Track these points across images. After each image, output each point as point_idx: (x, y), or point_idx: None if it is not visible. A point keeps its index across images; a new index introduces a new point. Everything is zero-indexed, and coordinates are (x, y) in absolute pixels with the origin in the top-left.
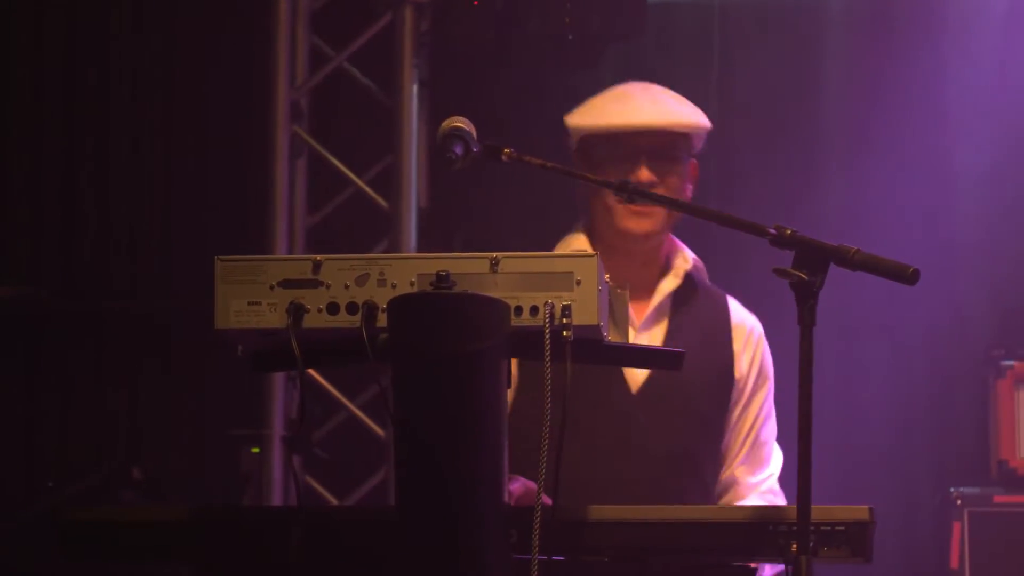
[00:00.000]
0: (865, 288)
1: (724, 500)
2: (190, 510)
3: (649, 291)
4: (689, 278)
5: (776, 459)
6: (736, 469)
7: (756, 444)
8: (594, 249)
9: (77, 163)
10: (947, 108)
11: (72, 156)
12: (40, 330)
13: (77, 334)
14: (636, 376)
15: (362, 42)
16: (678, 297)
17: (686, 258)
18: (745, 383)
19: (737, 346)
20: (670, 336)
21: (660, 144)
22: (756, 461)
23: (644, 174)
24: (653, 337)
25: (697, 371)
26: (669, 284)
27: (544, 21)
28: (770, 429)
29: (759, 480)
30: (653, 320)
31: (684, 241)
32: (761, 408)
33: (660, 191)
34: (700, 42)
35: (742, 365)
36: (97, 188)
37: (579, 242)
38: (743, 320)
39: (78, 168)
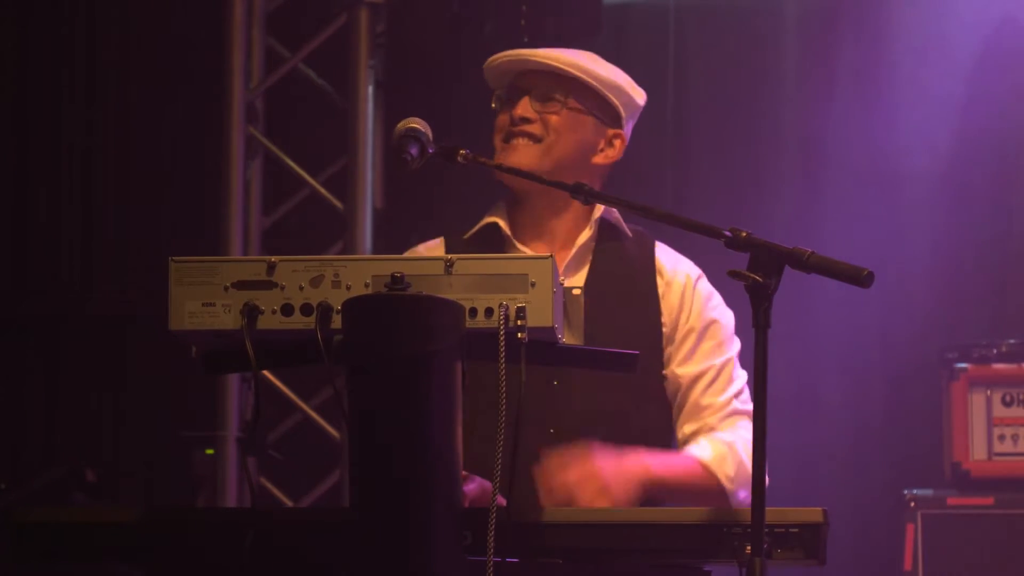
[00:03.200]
0: (820, 291)
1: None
2: (143, 512)
3: (570, 243)
4: (605, 226)
5: (727, 411)
6: (683, 426)
7: (696, 396)
8: (517, 205)
9: (30, 163)
10: (901, 111)
11: (25, 156)
12: None
13: (30, 335)
14: None
15: (317, 43)
16: (600, 246)
17: (599, 207)
18: (674, 331)
19: (662, 290)
20: (590, 283)
21: (546, 85)
22: (697, 415)
23: (519, 108)
24: (573, 284)
25: (621, 326)
26: (585, 234)
27: (499, 23)
28: (712, 380)
29: (698, 442)
30: (573, 269)
31: None
32: (690, 354)
33: (536, 128)
34: (655, 44)
35: (667, 309)
36: (51, 188)
37: (496, 216)
38: (671, 265)
39: (31, 169)
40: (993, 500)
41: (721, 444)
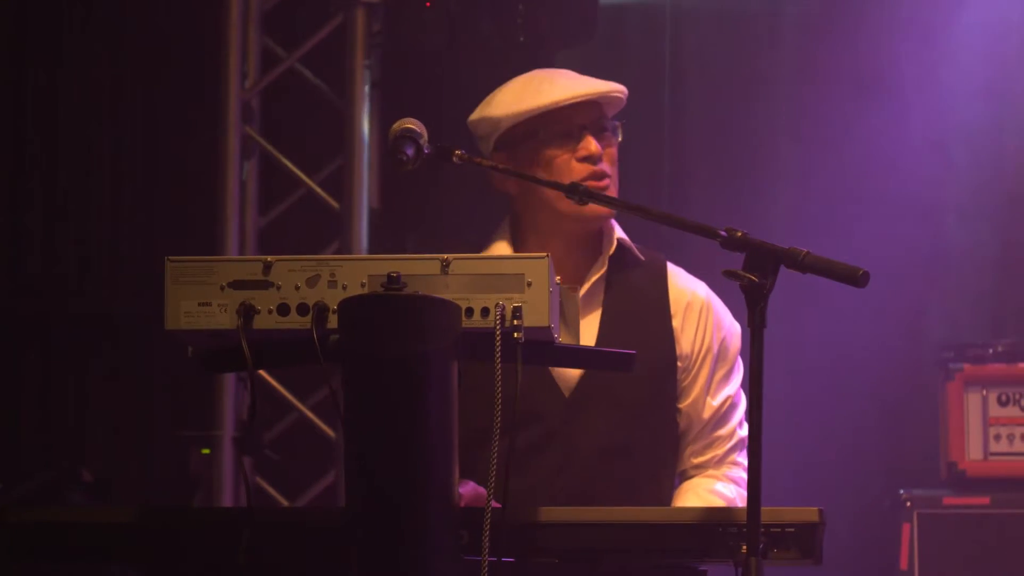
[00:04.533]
0: (816, 290)
1: (675, 494)
2: (139, 511)
3: (582, 277)
4: (618, 259)
5: (734, 442)
6: (691, 457)
7: (709, 429)
8: (526, 238)
9: (26, 163)
10: (897, 112)
11: (21, 156)
12: None
13: (25, 334)
14: (569, 377)
15: (314, 43)
16: (611, 280)
17: (612, 239)
18: (690, 358)
19: (677, 322)
20: (605, 324)
21: (596, 115)
22: (708, 447)
23: (593, 145)
24: (588, 324)
25: (636, 365)
26: (596, 271)
27: (496, 23)
28: (724, 411)
29: (708, 473)
30: (585, 309)
31: (633, 239)
32: (707, 386)
33: (605, 164)
34: (651, 44)
35: (684, 341)
36: (46, 188)
37: (501, 248)
38: (683, 291)
39: (27, 168)
40: (989, 500)
41: (719, 501)
